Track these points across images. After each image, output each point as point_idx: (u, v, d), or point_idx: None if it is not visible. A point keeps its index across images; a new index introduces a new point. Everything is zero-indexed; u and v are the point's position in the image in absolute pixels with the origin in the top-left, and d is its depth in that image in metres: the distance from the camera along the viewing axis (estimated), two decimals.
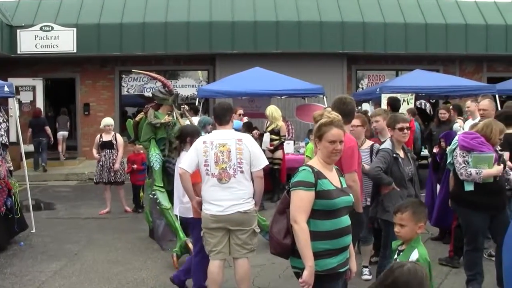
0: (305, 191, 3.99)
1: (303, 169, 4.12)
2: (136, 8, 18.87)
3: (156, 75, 9.48)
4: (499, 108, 10.79)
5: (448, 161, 6.77)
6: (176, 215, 7.27)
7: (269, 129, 12.41)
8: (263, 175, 6.21)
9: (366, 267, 7.24)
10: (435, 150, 8.97)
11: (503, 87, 16.07)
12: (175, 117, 8.76)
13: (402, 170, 6.11)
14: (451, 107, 12.35)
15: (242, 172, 5.84)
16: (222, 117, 6.18)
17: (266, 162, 6.22)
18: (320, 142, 4.20)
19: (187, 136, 6.79)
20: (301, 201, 3.99)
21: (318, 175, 4.07)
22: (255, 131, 13.34)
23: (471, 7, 20.18)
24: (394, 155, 6.13)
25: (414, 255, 4.05)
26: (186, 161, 5.90)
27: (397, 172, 6.10)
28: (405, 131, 6.29)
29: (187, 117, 9.05)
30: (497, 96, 14.14)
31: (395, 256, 4.27)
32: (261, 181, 6.04)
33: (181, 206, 6.62)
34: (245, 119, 12.75)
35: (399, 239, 4.25)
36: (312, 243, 3.94)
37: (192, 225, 6.48)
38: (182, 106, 9.05)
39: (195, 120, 9.40)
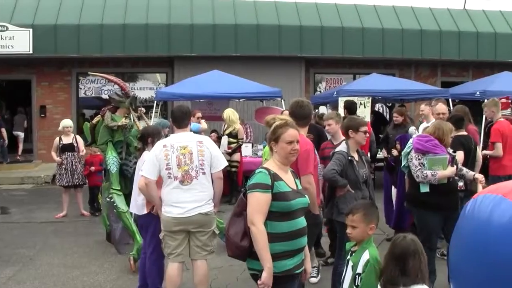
0: (262, 193, 4.04)
1: (260, 172, 4.16)
2: (94, 9, 18.66)
3: (112, 78, 9.39)
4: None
5: (402, 164, 6.92)
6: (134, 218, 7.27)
7: (227, 132, 12.47)
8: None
9: (314, 267, 7.33)
10: (394, 153, 9.14)
11: (456, 91, 16.45)
12: (132, 120, 8.72)
13: (357, 172, 6.20)
14: (395, 112, 12.60)
15: (204, 173, 5.88)
16: (181, 120, 6.19)
17: (226, 163, 6.31)
18: (277, 144, 4.24)
19: (148, 137, 6.78)
20: (258, 203, 4.03)
21: (274, 177, 4.12)
22: (213, 134, 13.40)
23: (426, 13, 20.62)
24: (349, 157, 6.21)
25: (365, 256, 4.14)
26: (148, 169, 5.85)
27: (352, 174, 6.18)
28: (367, 134, 6.45)
29: (144, 120, 9.02)
30: (450, 100, 14.49)
31: (348, 257, 4.37)
32: (221, 182, 6.10)
33: (135, 203, 6.62)
34: (203, 122, 12.76)
35: (351, 240, 4.35)
36: (269, 245, 3.98)
37: (145, 223, 6.48)
38: (139, 109, 9.01)
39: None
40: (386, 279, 3.80)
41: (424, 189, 6.50)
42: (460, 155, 7.32)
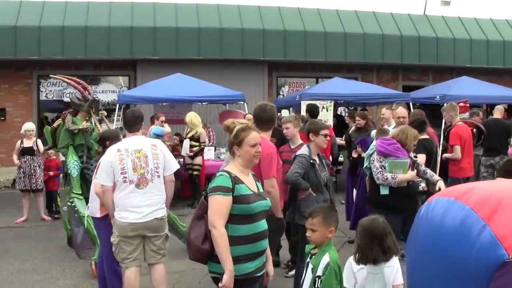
0: (223, 196, 4.04)
1: (220, 175, 4.17)
2: (55, 11, 18.41)
3: (71, 81, 9.24)
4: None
5: (365, 165, 7.02)
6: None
7: (189, 135, 12.45)
8: (183, 181, 6.26)
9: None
10: (354, 155, 9.26)
11: (416, 95, 16.72)
12: (93, 123, 8.64)
13: (319, 175, 6.26)
14: (346, 114, 12.80)
15: (158, 176, 5.89)
16: (132, 125, 6.20)
17: (178, 166, 6.31)
18: (241, 148, 4.26)
19: (106, 140, 6.74)
20: (219, 206, 4.04)
21: (235, 180, 4.13)
22: (175, 137, 13.37)
23: (387, 18, 20.90)
24: (311, 161, 6.27)
25: (325, 259, 4.19)
26: (103, 176, 5.81)
27: (314, 177, 6.24)
28: (328, 137, 6.49)
29: (106, 123, 8.95)
30: (411, 104, 14.72)
31: (308, 260, 4.41)
32: (172, 185, 6.13)
33: (90, 206, 6.58)
34: (166, 126, 12.72)
35: (310, 243, 4.39)
36: (230, 248, 3.99)
37: (99, 226, 6.44)
38: (100, 112, 8.93)
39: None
40: (370, 259, 4.08)
41: (384, 191, 6.60)
42: (422, 158, 7.47)
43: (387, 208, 6.51)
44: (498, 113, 12.45)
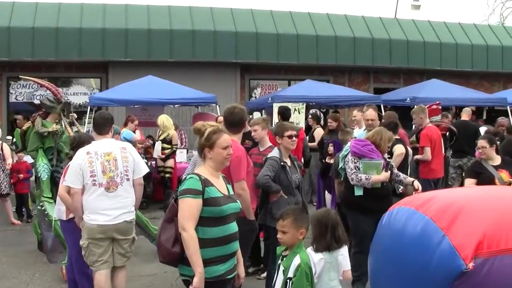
0: (193, 199, 4.04)
1: (190, 177, 4.17)
2: (25, 12, 18.16)
3: (44, 83, 9.18)
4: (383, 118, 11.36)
5: (339, 166, 7.07)
6: None
7: (161, 138, 12.41)
8: (155, 184, 6.27)
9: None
10: (328, 160, 9.32)
11: (387, 97, 16.93)
12: (63, 126, 8.57)
13: (290, 177, 6.30)
14: (310, 116, 12.90)
15: (128, 180, 5.89)
16: (102, 127, 6.19)
17: (147, 170, 6.36)
18: (212, 150, 4.26)
19: (83, 144, 6.68)
20: (189, 209, 4.03)
21: (205, 182, 4.13)
22: (148, 139, 13.32)
23: (359, 21, 21.05)
24: (282, 163, 6.30)
25: (297, 260, 4.22)
26: (72, 179, 5.77)
27: (285, 179, 6.27)
28: (294, 138, 6.49)
29: (76, 126, 8.88)
30: (382, 106, 14.88)
31: (279, 262, 4.44)
32: (141, 188, 6.13)
33: (56, 209, 6.55)
34: (138, 133, 12.67)
35: (282, 245, 4.42)
36: (201, 251, 3.99)
37: (66, 229, 6.41)
38: (70, 115, 8.86)
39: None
40: (325, 247, 4.48)
41: (358, 192, 6.68)
42: (400, 149, 7.64)
43: (361, 209, 6.59)
44: (466, 115, 12.68)
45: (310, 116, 12.74)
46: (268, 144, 6.87)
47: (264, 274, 7.05)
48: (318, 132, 11.91)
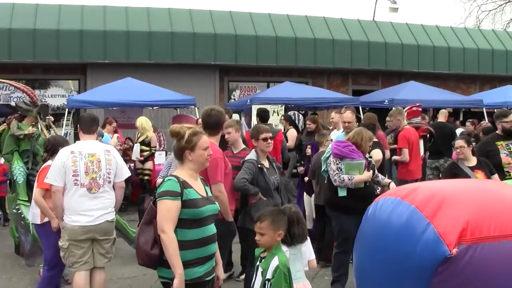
0: (172, 201, 4.05)
1: (169, 179, 4.17)
2: (2, 14, 17.92)
3: (20, 86, 9.08)
4: (362, 119, 11.44)
5: (322, 169, 7.12)
6: None
7: (140, 140, 12.38)
8: (134, 186, 6.28)
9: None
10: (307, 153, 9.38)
11: (366, 99, 17.04)
12: (40, 129, 8.51)
13: (268, 179, 6.31)
14: (282, 117, 12.95)
15: (109, 182, 5.94)
16: (90, 125, 6.22)
17: (129, 173, 6.36)
18: (193, 152, 4.26)
19: (59, 146, 6.64)
20: (168, 211, 4.04)
21: (184, 184, 4.14)
22: (127, 140, 13.26)
23: (337, 23, 21.15)
24: (259, 165, 6.32)
25: (275, 262, 4.24)
26: (54, 176, 5.76)
27: (263, 182, 6.28)
28: (269, 141, 6.49)
29: (53, 129, 8.82)
30: (360, 107, 14.97)
31: (257, 263, 4.45)
32: (122, 191, 6.20)
33: (31, 212, 6.54)
34: (115, 137, 12.59)
35: (260, 246, 4.44)
36: (180, 252, 3.99)
37: (41, 233, 6.38)
38: (47, 117, 8.79)
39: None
40: (290, 241, 4.62)
41: (342, 193, 6.73)
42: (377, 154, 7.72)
43: (345, 210, 6.63)
44: (442, 117, 12.84)
45: (282, 118, 12.77)
46: (242, 146, 6.88)
47: (243, 276, 7.06)
48: (291, 133, 11.94)
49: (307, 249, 4.83)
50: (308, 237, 4.88)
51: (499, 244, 3.37)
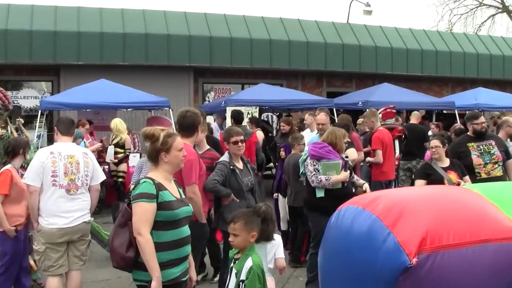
0: (147, 203, 4.04)
1: (144, 182, 4.16)
2: None
3: None
4: (336, 121, 11.53)
5: (300, 171, 7.17)
6: None
7: (114, 142, 12.31)
8: (108, 188, 6.28)
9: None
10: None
11: (340, 101, 17.12)
12: (9, 131, 8.45)
13: (240, 181, 6.32)
14: (248, 120, 12.98)
15: (87, 184, 5.97)
16: (69, 127, 6.22)
17: (104, 177, 6.39)
18: (169, 154, 4.26)
19: (20, 149, 6.57)
20: (144, 213, 4.03)
21: (159, 186, 4.14)
22: (104, 139, 13.19)
23: (312, 25, 21.26)
24: (232, 167, 6.34)
25: (249, 263, 4.26)
26: (32, 177, 5.72)
27: (235, 183, 6.30)
28: (240, 144, 6.48)
29: (22, 131, 8.75)
30: (334, 109, 15.06)
31: (231, 265, 4.47)
32: (98, 194, 6.25)
33: None
34: (88, 142, 12.54)
35: (233, 248, 4.46)
36: (156, 254, 4.00)
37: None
38: (17, 120, 8.72)
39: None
40: (264, 237, 4.76)
41: (320, 194, 6.78)
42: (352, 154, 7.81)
43: (323, 211, 6.64)
44: (414, 118, 12.99)
45: (248, 121, 12.76)
46: (207, 147, 6.87)
47: (217, 278, 7.07)
48: (258, 135, 11.97)
49: (272, 247, 4.92)
50: (279, 237, 5.02)
51: (458, 252, 3.41)
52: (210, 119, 15.31)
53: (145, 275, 4.03)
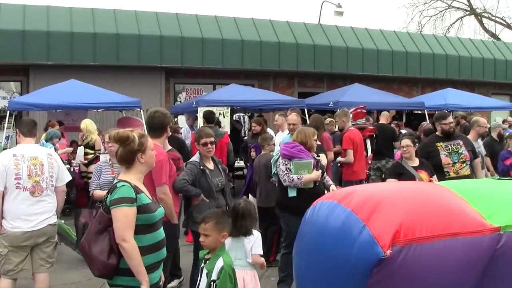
0: (129, 207, 3.93)
1: (123, 185, 4.03)
2: None
3: None
4: (307, 121, 11.59)
5: (273, 171, 7.19)
6: None
7: (84, 142, 12.20)
8: (78, 189, 6.22)
9: None
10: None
11: (311, 101, 17.24)
12: None
13: (210, 181, 6.32)
14: (203, 118, 12.93)
15: (52, 186, 5.88)
16: (31, 128, 6.13)
17: (70, 177, 6.33)
18: (145, 154, 4.17)
19: None
20: (126, 218, 3.92)
21: (136, 189, 4.05)
22: (73, 145, 13.08)
23: (283, 26, 21.33)
24: (202, 167, 6.34)
25: (220, 263, 4.27)
26: None
27: (205, 183, 6.29)
28: (209, 146, 6.47)
29: None
30: (306, 110, 15.13)
31: (202, 265, 4.47)
32: (64, 195, 6.17)
33: None
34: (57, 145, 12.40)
35: (204, 248, 4.45)
36: None
37: None
38: None
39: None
40: (242, 232, 5.07)
41: (292, 193, 6.80)
42: (324, 158, 7.85)
43: (295, 211, 6.64)
44: (384, 118, 13.13)
45: (204, 121, 12.65)
46: (168, 147, 6.84)
47: (171, 284, 7.06)
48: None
49: (249, 242, 5.12)
50: (258, 233, 5.23)
51: (430, 244, 3.48)
52: (182, 119, 15.22)
53: (129, 280, 3.94)
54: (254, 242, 5.12)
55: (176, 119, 14.95)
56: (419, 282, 3.49)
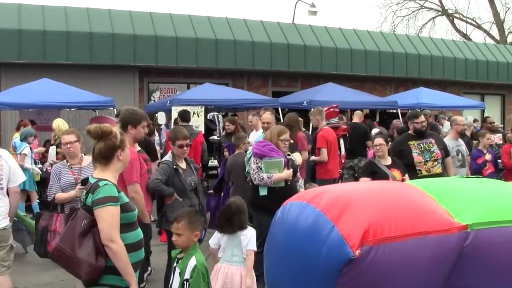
0: (114, 207, 3.84)
1: (106, 184, 3.92)
2: None
3: None
4: (282, 120, 11.62)
5: (246, 170, 7.21)
6: None
7: (56, 142, 12.08)
8: None
9: None
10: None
11: (285, 100, 17.30)
12: None
13: (183, 180, 6.33)
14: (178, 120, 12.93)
15: (2, 188, 5.70)
16: None
17: (24, 178, 6.17)
18: (124, 151, 4.10)
19: None
20: (112, 218, 3.82)
21: (117, 188, 3.98)
22: (47, 144, 12.96)
23: (257, 25, 21.34)
24: (175, 166, 6.34)
25: (192, 262, 4.28)
26: None
27: (178, 183, 6.30)
28: (185, 148, 6.48)
29: None
30: (280, 109, 15.19)
31: (175, 264, 4.47)
32: (18, 197, 5.99)
33: None
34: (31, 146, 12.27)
35: (177, 247, 4.46)
36: None
37: None
38: None
39: None
40: (238, 227, 5.32)
41: (263, 192, 6.83)
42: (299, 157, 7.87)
43: (266, 210, 6.68)
44: (357, 117, 13.24)
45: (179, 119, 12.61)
46: (138, 148, 6.82)
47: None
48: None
49: (244, 239, 5.39)
50: (252, 229, 5.52)
51: (399, 244, 3.52)
52: (162, 115, 15.05)
53: (117, 280, 3.87)
54: (250, 237, 5.39)
55: (156, 115, 14.90)
56: (389, 281, 3.53)
